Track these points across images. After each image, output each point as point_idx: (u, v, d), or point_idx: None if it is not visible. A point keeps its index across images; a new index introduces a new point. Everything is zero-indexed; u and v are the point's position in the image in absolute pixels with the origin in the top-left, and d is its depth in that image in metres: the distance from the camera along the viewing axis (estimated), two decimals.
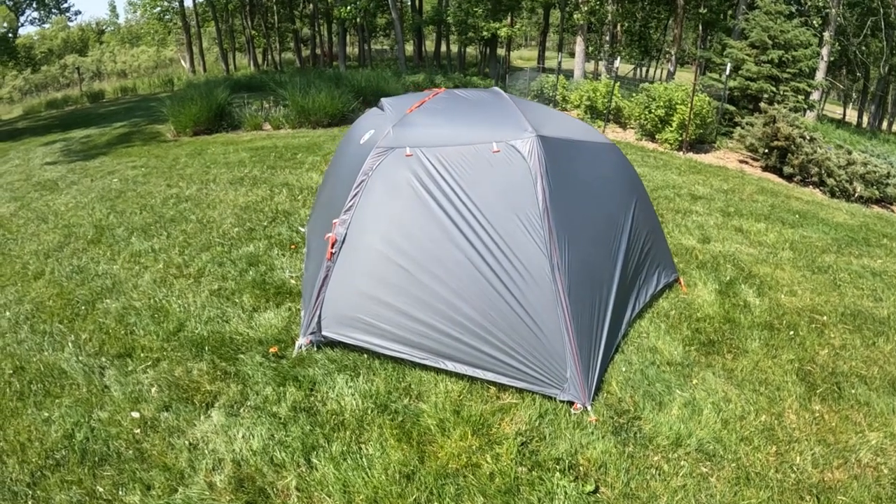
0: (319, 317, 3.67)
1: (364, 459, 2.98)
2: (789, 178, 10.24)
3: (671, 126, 11.52)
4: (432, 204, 3.50)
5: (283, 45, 35.88)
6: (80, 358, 3.89)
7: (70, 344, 4.06)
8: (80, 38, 52.84)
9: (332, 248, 3.61)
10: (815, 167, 9.86)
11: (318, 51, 33.13)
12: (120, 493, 2.84)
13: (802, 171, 10.05)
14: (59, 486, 2.89)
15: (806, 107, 13.99)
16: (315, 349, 3.79)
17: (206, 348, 3.88)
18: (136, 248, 5.62)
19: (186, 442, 3.13)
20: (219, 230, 5.96)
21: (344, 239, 3.61)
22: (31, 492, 2.87)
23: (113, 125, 13.69)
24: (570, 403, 3.27)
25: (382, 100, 4.50)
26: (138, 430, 3.22)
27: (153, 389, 3.53)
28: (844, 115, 30.83)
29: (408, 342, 3.54)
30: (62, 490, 2.86)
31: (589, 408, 3.24)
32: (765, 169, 10.75)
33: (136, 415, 3.33)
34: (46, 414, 3.39)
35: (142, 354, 3.88)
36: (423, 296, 3.46)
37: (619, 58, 17.32)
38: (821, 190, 9.82)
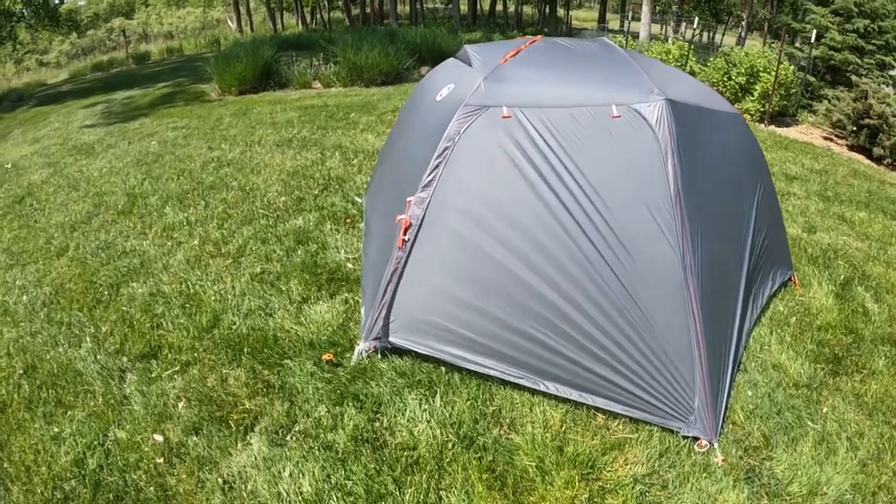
0: (386, 319, 2.88)
1: None
2: (878, 160, 9.21)
3: (752, 95, 10.45)
4: (537, 180, 2.66)
5: (332, 4, 34.74)
6: (99, 357, 3.23)
7: (88, 338, 3.41)
8: (126, 2, 52.85)
9: (404, 233, 2.78)
10: None
11: (367, 9, 31.95)
12: None
13: (893, 154, 9.04)
14: None
15: (892, 82, 12.72)
16: (379, 356, 3.03)
17: (245, 350, 3.16)
18: (169, 220, 4.95)
19: (219, 479, 2.44)
20: (263, 199, 5.22)
21: (421, 223, 2.79)
22: None
23: (156, 85, 13.15)
24: (695, 439, 2.58)
25: (466, 47, 3.60)
26: (161, 460, 2.54)
27: (181, 404, 2.83)
28: None
29: (499, 356, 2.77)
30: None
31: (716, 445, 2.56)
32: (851, 148, 9.70)
33: (159, 438, 2.64)
34: (56, 429, 2.78)
35: (169, 356, 3.19)
36: (523, 298, 2.66)
37: (696, 19, 15.76)
38: None
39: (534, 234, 2.65)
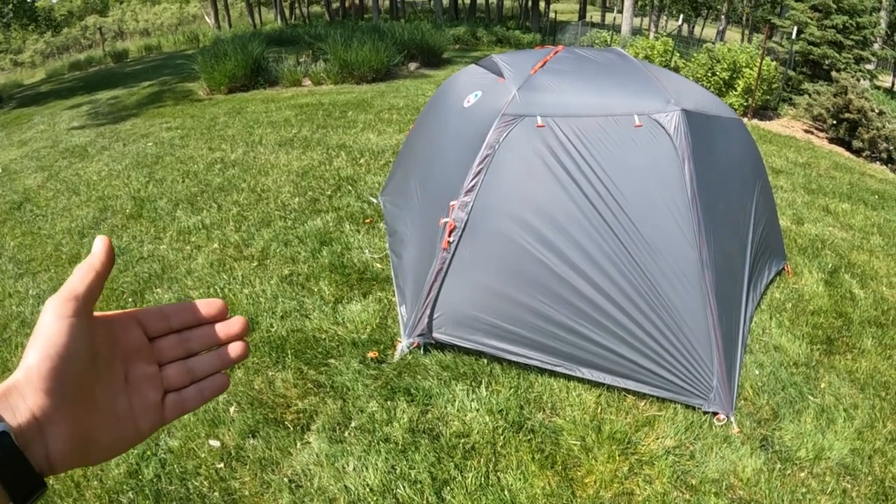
0: (431, 316, 2.95)
1: (507, 493, 2.41)
2: (858, 152, 9.59)
3: (735, 90, 10.64)
4: (570, 184, 2.83)
5: None
6: None
7: None
8: None
9: (449, 235, 2.87)
10: (883, 142, 9.22)
11: (346, 4, 31.71)
12: None
13: (871, 147, 9.40)
14: None
15: (869, 77, 13.10)
16: (421, 352, 3.09)
17: (289, 352, 3.19)
18: (183, 223, 4.92)
19: (285, 478, 2.49)
20: (277, 201, 5.23)
21: (465, 225, 2.89)
22: None
23: (141, 84, 12.95)
24: (714, 414, 2.84)
25: (494, 56, 3.75)
26: (221, 465, 2.57)
27: (231, 408, 2.86)
28: (893, 84, 28.33)
29: (539, 346, 2.93)
30: None
31: (732, 419, 2.83)
32: (831, 141, 10.07)
33: (215, 443, 2.67)
34: None
35: None
36: (561, 292, 2.82)
37: (680, 16, 15.94)
38: (889, 167, 9.18)
39: (569, 233, 2.80)
